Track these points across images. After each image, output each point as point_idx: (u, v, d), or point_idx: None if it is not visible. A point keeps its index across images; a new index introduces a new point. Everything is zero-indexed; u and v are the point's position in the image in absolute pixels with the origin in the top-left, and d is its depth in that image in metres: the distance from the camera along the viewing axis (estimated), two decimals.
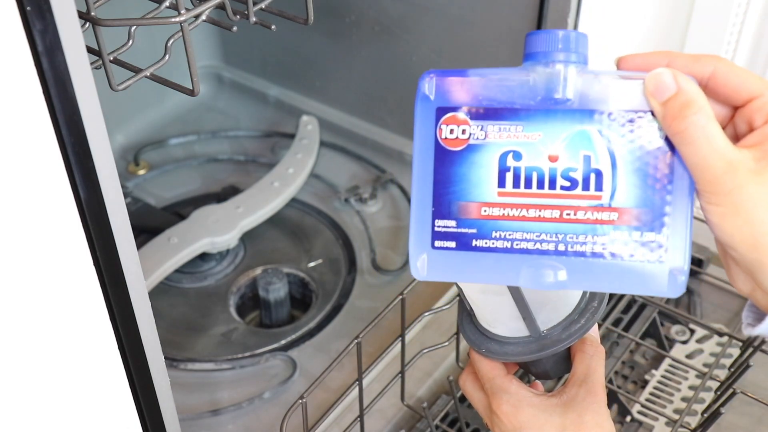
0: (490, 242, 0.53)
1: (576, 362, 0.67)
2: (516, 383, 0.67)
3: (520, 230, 0.52)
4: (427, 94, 0.54)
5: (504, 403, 0.66)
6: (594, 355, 0.67)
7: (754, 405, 0.93)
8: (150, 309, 0.62)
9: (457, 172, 0.53)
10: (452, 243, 0.54)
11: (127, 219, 0.56)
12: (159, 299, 1.14)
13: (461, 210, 0.53)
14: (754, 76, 0.52)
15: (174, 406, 0.69)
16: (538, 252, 0.53)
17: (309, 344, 1.10)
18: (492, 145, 0.52)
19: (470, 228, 0.53)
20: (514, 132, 0.52)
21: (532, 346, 0.66)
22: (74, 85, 0.48)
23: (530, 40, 0.53)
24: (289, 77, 1.46)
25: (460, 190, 0.53)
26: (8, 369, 0.53)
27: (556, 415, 0.65)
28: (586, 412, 0.64)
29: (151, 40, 1.18)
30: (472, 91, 0.53)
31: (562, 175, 0.52)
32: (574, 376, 0.66)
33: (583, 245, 0.52)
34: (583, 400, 0.64)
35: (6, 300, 0.51)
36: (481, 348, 0.68)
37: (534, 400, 0.66)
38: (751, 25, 1.15)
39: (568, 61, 0.52)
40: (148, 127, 1.43)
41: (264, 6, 0.71)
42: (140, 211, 1.25)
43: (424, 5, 1.19)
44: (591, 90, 0.51)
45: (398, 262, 1.20)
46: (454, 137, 0.53)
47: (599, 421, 0.64)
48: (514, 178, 0.52)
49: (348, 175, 1.35)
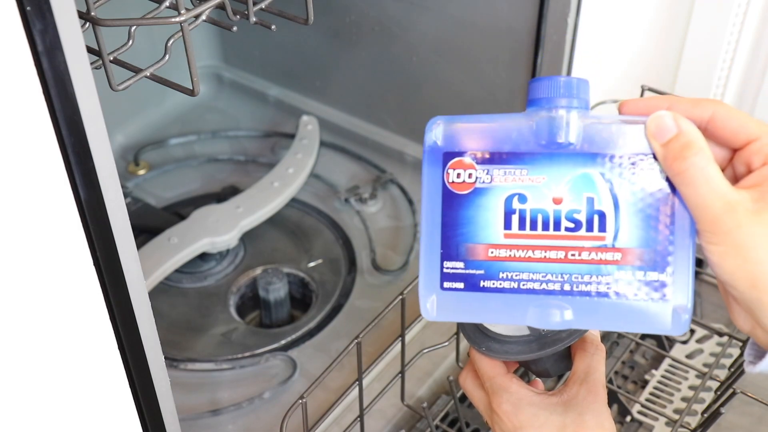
0: (497, 283, 0.55)
1: (576, 361, 0.67)
2: (516, 382, 0.67)
3: (526, 271, 0.54)
4: (434, 140, 0.57)
5: (504, 402, 0.66)
6: (595, 354, 0.67)
7: (754, 405, 0.93)
8: (150, 309, 0.62)
9: (464, 214, 0.55)
10: (461, 284, 0.56)
11: (127, 219, 0.56)
12: (159, 299, 1.14)
13: (469, 252, 0.55)
14: (752, 119, 0.53)
15: (174, 406, 0.69)
16: (544, 292, 0.54)
17: (309, 344, 1.10)
18: (498, 189, 0.54)
19: (478, 269, 0.55)
20: (519, 175, 0.54)
21: (532, 344, 0.66)
22: (74, 85, 0.48)
23: (533, 86, 0.54)
24: (289, 77, 1.46)
25: (468, 233, 0.55)
26: (8, 369, 0.53)
27: (556, 414, 0.65)
28: (586, 411, 0.64)
29: (151, 40, 1.18)
30: (477, 136, 0.55)
31: (567, 217, 0.53)
32: (575, 375, 0.66)
33: (588, 285, 0.53)
34: (584, 399, 0.64)
35: (6, 300, 0.51)
36: (481, 347, 0.68)
37: (534, 398, 0.66)
38: (751, 25, 1.15)
39: (570, 106, 0.53)
40: (148, 127, 1.43)
41: (264, 6, 0.71)
42: (140, 211, 1.25)
43: (424, 5, 1.19)
44: (593, 134, 0.53)
45: (398, 262, 1.20)
46: (461, 181, 0.55)
47: (600, 420, 0.64)
48: (519, 220, 0.54)
49: (348, 175, 1.35)
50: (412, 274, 1.17)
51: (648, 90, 0.96)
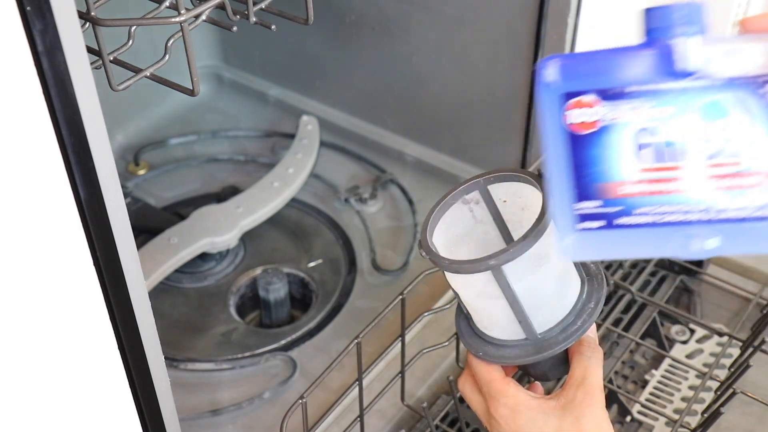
0: (636, 218, 0.53)
1: (573, 364, 0.67)
2: (514, 386, 0.67)
3: (665, 203, 0.52)
4: (549, 81, 0.53)
5: (501, 407, 0.66)
6: (592, 357, 0.67)
7: (754, 405, 0.93)
8: (150, 309, 0.62)
9: (592, 154, 0.53)
10: (597, 223, 0.54)
11: (127, 219, 0.56)
12: (159, 299, 1.14)
13: (602, 191, 0.53)
14: None
15: (174, 406, 0.69)
16: (685, 223, 0.52)
17: (309, 344, 1.10)
18: (625, 125, 0.52)
19: (613, 207, 0.54)
20: (645, 108, 0.52)
21: (528, 348, 0.66)
22: (74, 85, 0.48)
23: (649, 15, 0.52)
24: (289, 77, 1.46)
25: (599, 171, 0.53)
26: (8, 369, 0.53)
27: (553, 418, 0.65)
28: (583, 415, 0.64)
29: (151, 40, 1.18)
30: (596, 73, 0.53)
31: (700, 146, 0.51)
32: (572, 379, 0.66)
33: (730, 211, 0.52)
34: (581, 403, 0.64)
35: (6, 300, 0.51)
36: (479, 351, 0.68)
37: (532, 403, 0.66)
38: None
39: (690, 32, 0.51)
40: (148, 127, 1.43)
41: (264, 6, 0.71)
42: (140, 211, 1.25)
43: (424, 5, 1.19)
44: (718, 58, 0.51)
45: (398, 262, 1.20)
46: (585, 121, 0.53)
47: (597, 423, 0.64)
48: (651, 153, 0.52)
49: (348, 175, 1.35)
50: (412, 274, 1.17)
51: None
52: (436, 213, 0.68)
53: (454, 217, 0.69)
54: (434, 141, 1.32)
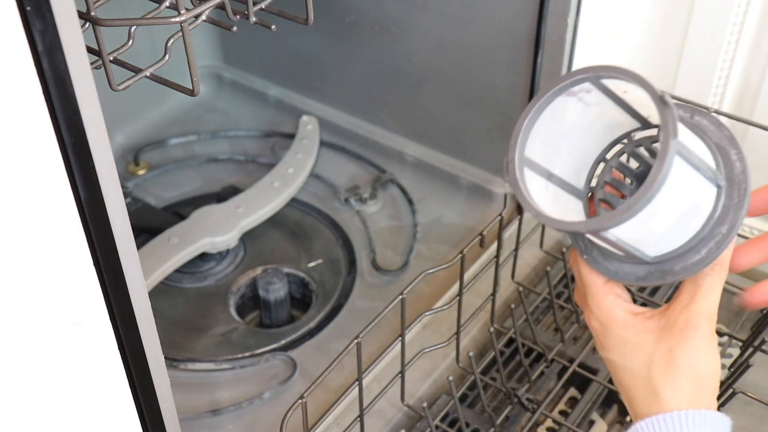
0: None
1: (686, 280, 0.58)
2: (612, 298, 0.59)
3: None
4: None
5: (593, 320, 0.59)
6: (708, 275, 0.58)
7: (754, 405, 0.93)
8: (150, 309, 0.62)
9: None
10: None
11: (127, 219, 0.56)
12: (159, 299, 1.14)
13: None
14: None
15: (174, 406, 0.69)
16: None
17: (309, 344, 1.10)
18: None
19: None
20: None
21: (639, 270, 0.58)
22: (74, 85, 0.48)
23: None
24: (289, 77, 1.46)
25: None
26: (8, 370, 0.53)
27: (647, 343, 0.57)
28: (679, 346, 0.56)
29: (151, 40, 1.18)
30: None
31: None
32: (678, 298, 0.58)
33: None
34: (680, 331, 0.56)
35: (5, 300, 0.51)
36: (584, 253, 0.60)
37: (627, 321, 0.58)
38: (751, 25, 1.15)
39: None
40: (148, 127, 1.43)
41: (264, 6, 0.71)
42: (140, 211, 1.25)
43: (424, 5, 1.19)
44: None
45: (398, 262, 1.20)
46: None
47: (694, 360, 0.56)
48: None
49: (348, 175, 1.35)
50: (412, 274, 1.17)
51: None
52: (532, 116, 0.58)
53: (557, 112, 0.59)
54: (434, 141, 1.32)
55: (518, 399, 0.96)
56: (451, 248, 1.21)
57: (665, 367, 0.56)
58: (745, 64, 1.19)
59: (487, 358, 0.99)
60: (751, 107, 1.21)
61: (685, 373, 0.56)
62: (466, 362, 0.95)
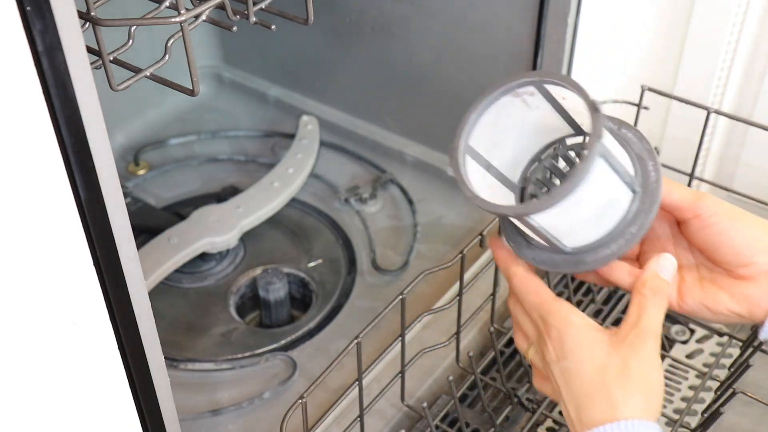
0: None
1: (632, 302, 0.63)
2: (566, 305, 0.63)
3: None
4: None
5: (552, 328, 0.62)
6: (651, 298, 0.63)
7: (754, 405, 0.93)
8: (150, 309, 0.62)
9: None
10: None
11: (127, 219, 0.56)
12: (159, 299, 1.14)
13: None
14: None
15: (174, 406, 0.69)
16: None
17: (309, 344, 1.10)
18: None
19: None
20: None
21: (555, 257, 0.64)
22: (74, 85, 0.48)
23: None
24: (289, 77, 1.46)
25: None
26: (8, 370, 0.53)
27: (601, 353, 0.61)
28: (631, 358, 0.60)
29: (151, 40, 1.18)
30: None
31: None
32: (627, 317, 0.62)
33: None
34: (631, 344, 0.60)
35: (5, 300, 0.51)
36: (510, 240, 0.66)
37: (585, 325, 0.62)
38: (751, 25, 1.15)
39: None
40: (148, 127, 1.43)
41: (264, 6, 0.71)
42: (140, 211, 1.25)
43: (424, 5, 1.19)
44: None
45: (398, 262, 1.20)
46: None
47: (644, 370, 0.60)
48: None
49: (348, 175, 1.35)
50: (412, 274, 1.17)
51: (648, 90, 0.96)
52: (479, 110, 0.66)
53: (502, 110, 0.66)
54: (434, 141, 1.32)
55: (518, 399, 0.96)
56: (451, 248, 1.21)
57: (619, 376, 0.60)
58: (745, 64, 1.19)
59: (487, 358, 0.99)
60: (751, 107, 1.21)
61: (638, 382, 0.60)
62: (466, 362, 0.95)
